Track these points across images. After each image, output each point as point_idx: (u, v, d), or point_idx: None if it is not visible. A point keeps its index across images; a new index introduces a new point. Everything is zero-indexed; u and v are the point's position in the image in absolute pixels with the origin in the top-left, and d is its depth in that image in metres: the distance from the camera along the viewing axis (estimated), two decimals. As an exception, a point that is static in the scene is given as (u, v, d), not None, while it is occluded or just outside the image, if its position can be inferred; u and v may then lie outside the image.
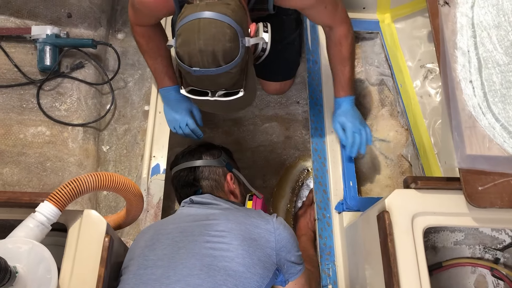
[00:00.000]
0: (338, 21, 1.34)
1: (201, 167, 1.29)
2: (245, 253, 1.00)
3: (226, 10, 0.97)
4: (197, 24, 0.96)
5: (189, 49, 0.97)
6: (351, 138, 1.45)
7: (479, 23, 1.16)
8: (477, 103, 1.08)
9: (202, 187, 1.28)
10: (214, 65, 0.97)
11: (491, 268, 1.26)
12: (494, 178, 1.02)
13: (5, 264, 0.76)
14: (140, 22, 1.38)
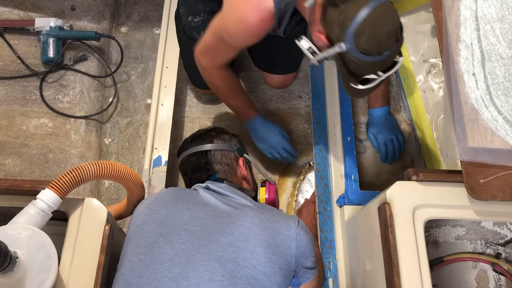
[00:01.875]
0: None
1: (212, 151, 1.24)
2: (268, 261, 0.96)
3: None
4: (376, 12, 0.96)
5: (379, 37, 0.97)
6: (384, 148, 1.60)
7: (482, 16, 1.16)
8: (479, 96, 1.08)
9: (216, 172, 1.22)
10: (396, 41, 1.00)
11: (492, 263, 1.25)
12: (496, 171, 1.02)
13: (5, 249, 0.76)
14: (220, 62, 1.37)
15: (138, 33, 1.94)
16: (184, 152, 1.28)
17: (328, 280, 1.34)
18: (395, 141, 1.60)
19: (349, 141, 1.55)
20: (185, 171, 1.27)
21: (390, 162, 1.63)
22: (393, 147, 1.60)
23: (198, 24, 1.47)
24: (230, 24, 1.17)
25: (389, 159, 1.62)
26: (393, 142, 1.60)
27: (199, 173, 1.23)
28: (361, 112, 1.72)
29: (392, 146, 1.60)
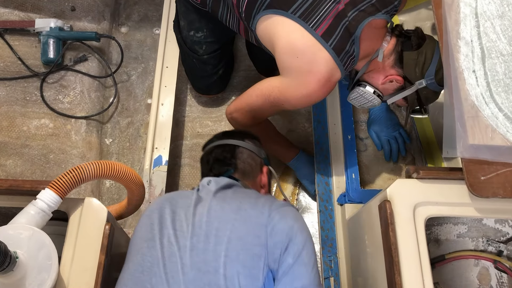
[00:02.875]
0: None
1: (241, 147, 1.16)
2: (227, 260, 0.87)
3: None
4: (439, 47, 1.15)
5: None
6: (387, 145, 1.61)
7: (482, 13, 1.15)
8: (480, 93, 1.07)
9: (235, 168, 1.13)
10: None
11: (494, 260, 1.25)
12: (496, 168, 1.01)
13: (5, 249, 0.76)
14: (263, 118, 1.41)
15: (138, 33, 1.94)
16: (211, 143, 1.20)
17: (330, 278, 1.34)
18: (398, 138, 1.60)
19: (350, 140, 1.55)
20: (207, 160, 1.16)
21: (395, 160, 1.62)
22: (397, 144, 1.60)
23: (201, 39, 1.48)
24: (296, 97, 1.22)
25: (393, 157, 1.61)
26: (397, 139, 1.60)
27: (218, 164, 1.13)
28: (362, 111, 1.71)
29: (396, 143, 1.60)
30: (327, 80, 1.16)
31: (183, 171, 1.66)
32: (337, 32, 1.14)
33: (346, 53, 1.15)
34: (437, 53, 1.19)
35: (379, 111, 1.59)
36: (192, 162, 1.67)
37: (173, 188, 1.61)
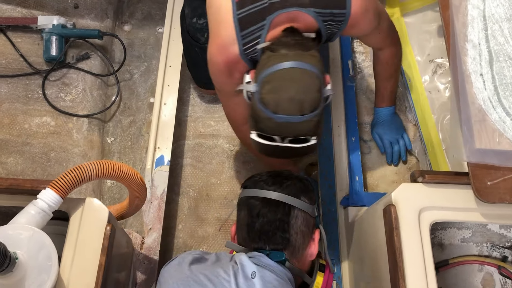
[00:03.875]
0: (388, 44, 1.36)
1: (296, 209, 0.94)
2: None
3: (315, 61, 1.00)
4: (289, 73, 0.98)
5: (279, 96, 0.98)
6: (389, 148, 1.59)
7: (490, 16, 1.14)
8: (487, 97, 1.06)
9: (287, 244, 0.92)
10: (300, 113, 0.98)
11: (498, 266, 1.24)
12: (503, 173, 1.00)
13: (4, 249, 0.75)
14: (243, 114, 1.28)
15: (141, 31, 1.93)
16: (256, 190, 0.97)
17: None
18: (400, 141, 1.60)
19: (354, 142, 1.54)
20: (252, 222, 0.94)
21: (396, 163, 1.61)
22: (398, 147, 1.59)
23: (203, 26, 1.46)
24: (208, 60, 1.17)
25: (394, 160, 1.61)
26: (399, 142, 1.59)
27: (267, 238, 0.92)
28: (366, 112, 1.70)
29: (398, 146, 1.59)
30: (222, 46, 1.11)
31: (185, 171, 1.65)
32: (252, 6, 1.06)
33: (249, 34, 1.08)
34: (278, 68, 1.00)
35: (385, 115, 1.58)
36: (194, 162, 1.66)
37: (174, 189, 1.60)
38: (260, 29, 1.07)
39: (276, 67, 0.99)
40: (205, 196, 1.60)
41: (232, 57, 1.12)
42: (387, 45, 1.38)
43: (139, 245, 1.37)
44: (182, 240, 1.53)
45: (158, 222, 1.40)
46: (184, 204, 1.59)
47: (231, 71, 1.16)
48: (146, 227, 1.40)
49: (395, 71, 1.48)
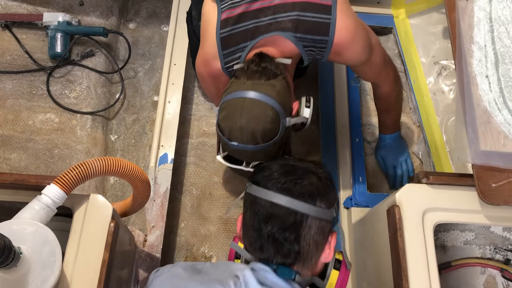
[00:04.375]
0: (382, 80, 1.34)
1: (310, 218, 0.80)
2: None
3: (272, 91, 0.98)
4: (241, 102, 0.98)
5: (231, 124, 0.99)
6: (392, 171, 1.56)
7: (497, 18, 1.14)
8: (492, 99, 1.06)
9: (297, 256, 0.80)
10: (253, 143, 0.99)
11: (501, 269, 1.23)
12: (508, 175, 1.00)
13: (9, 244, 0.75)
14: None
15: (146, 29, 1.93)
16: (265, 191, 0.82)
17: (334, 282, 1.33)
18: (404, 166, 1.56)
19: (358, 142, 1.54)
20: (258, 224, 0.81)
21: (397, 186, 1.57)
22: (401, 171, 1.56)
23: None
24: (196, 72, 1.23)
25: (397, 184, 1.57)
26: (402, 166, 1.55)
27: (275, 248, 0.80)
28: (370, 114, 1.70)
29: (401, 170, 1.55)
30: (206, 60, 1.15)
31: (188, 169, 1.64)
32: (235, 27, 1.08)
33: (231, 53, 1.10)
34: (233, 97, 1.02)
35: (389, 140, 1.55)
36: (198, 161, 1.66)
37: (177, 187, 1.60)
38: (241, 50, 1.09)
39: (231, 95, 1.00)
40: (208, 194, 1.60)
41: (215, 71, 1.15)
42: (381, 82, 1.35)
43: (141, 243, 1.37)
44: (185, 238, 1.53)
45: (161, 220, 1.40)
46: (187, 202, 1.58)
47: (214, 81, 1.19)
48: (149, 225, 1.40)
49: (394, 106, 1.46)
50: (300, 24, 1.06)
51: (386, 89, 1.37)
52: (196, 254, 1.51)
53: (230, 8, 1.09)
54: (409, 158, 1.58)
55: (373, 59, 1.20)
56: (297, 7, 1.06)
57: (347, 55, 1.15)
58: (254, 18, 1.07)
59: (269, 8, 1.06)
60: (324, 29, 1.07)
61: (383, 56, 1.25)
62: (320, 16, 1.06)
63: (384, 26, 1.76)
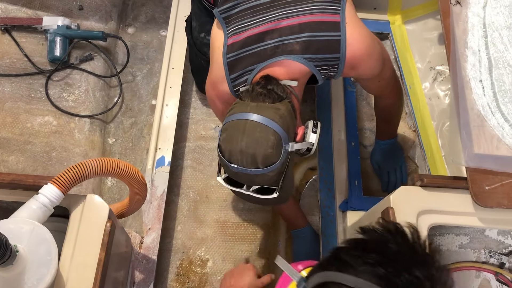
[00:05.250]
0: (387, 93, 1.34)
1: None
2: None
3: (275, 115, 0.97)
4: (243, 124, 0.96)
5: (231, 146, 0.97)
6: (386, 177, 1.57)
7: (490, 24, 1.16)
8: (486, 103, 1.07)
9: None
10: (253, 166, 0.97)
11: (496, 272, 1.24)
12: (501, 178, 1.01)
13: (6, 241, 0.75)
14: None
15: (144, 34, 1.95)
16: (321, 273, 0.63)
17: (329, 285, 1.33)
18: (397, 172, 1.57)
19: (354, 147, 1.55)
20: None
21: (390, 192, 1.57)
22: (395, 177, 1.57)
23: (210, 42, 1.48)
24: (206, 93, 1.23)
25: (390, 189, 1.57)
26: (396, 172, 1.57)
27: None
28: (366, 118, 1.71)
29: (394, 176, 1.56)
30: (214, 83, 1.15)
31: (185, 173, 1.65)
32: (242, 51, 1.08)
33: (238, 77, 1.10)
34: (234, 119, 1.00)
35: (385, 146, 1.56)
36: (195, 164, 1.67)
37: (174, 190, 1.60)
38: (248, 73, 1.08)
39: (234, 116, 0.99)
40: (204, 198, 1.61)
41: (223, 94, 1.14)
42: (386, 94, 1.35)
43: (138, 245, 1.38)
44: (181, 241, 1.53)
45: (157, 222, 1.41)
46: (183, 205, 1.59)
47: (223, 103, 1.19)
48: (145, 227, 1.41)
49: (394, 116, 1.46)
50: (310, 46, 1.05)
51: (388, 102, 1.38)
52: (192, 257, 1.51)
53: (237, 32, 1.09)
54: (404, 165, 1.59)
55: (384, 73, 1.19)
56: (305, 28, 1.05)
57: (361, 69, 1.13)
58: (260, 41, 1.06)
59: (274, 30, 1.06)
60: (335, 46, 1.05)
61: (392, 70, 1.25)
62: (329, 34, 1.05)
63: (381, 32, 1.78)
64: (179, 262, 1.50)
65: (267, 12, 1.08)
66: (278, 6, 1.07)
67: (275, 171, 0.98)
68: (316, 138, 1.09)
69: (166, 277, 1.47)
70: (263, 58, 1.06)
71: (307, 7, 1.06)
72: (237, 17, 1.10)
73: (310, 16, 1.05)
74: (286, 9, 1.07)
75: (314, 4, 1.06)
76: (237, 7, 1.11)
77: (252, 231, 1.57)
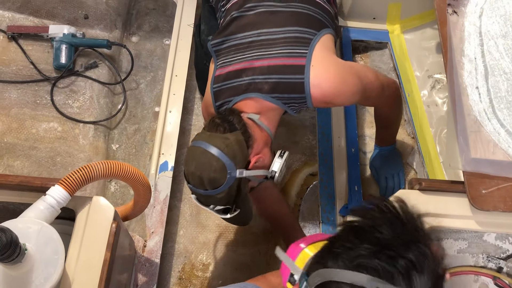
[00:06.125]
0: (381, 104, 1.38)
1: None
2: None
3: (221, 144, 1.08)
4: (194, 150, 1.11)
5: (186, 168, 1.12)
6: (384, 182, 1.59)
7: (486, 32, 1.19)
8: (482, 109, 1.10)
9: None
10: (202, 188, 1.11)
11: (494, 277, 1.25)
12: (498, 182, 1.03)
13: (16, 239, 0.77)
14: None
15: (148, 43, 1.98)
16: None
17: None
18: (395, 178, 1.59)
19: (353, 153, 1.57)
20: None
21: (388, 196, 1.57)
22: (393, 183, 1.59)
23: None
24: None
25: (387, 195, 1.59)
26: (394, 178, 1.59)
27: None
28: (366, 125, 1.74)
29: (392, 182, 1.58)
30: (206, 105, 1.31)
31: (187, 178, 1.67)
32: (224, 83, 1.21)
33: (221, 105, 1.23)
34: (191, 144, 1.16)
35: (384, 152, 1.58)
36: (197, 170, 1.69)
37: (176, 195, 1.63)
38: (227, 103, 1.22)
39: (192, 142, 1.14)
40: (206, 203, 1.63)
41: (213, 114, 1.25)
42: (381, 105, 1.39)
43: (141, 248, 1.40)
44: (183, 245, 1.55)
45: (160, 226, 1.43)
46: (185, 210, 1.61)
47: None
48: (148, 231, 1.43)
49: (392, 123, 1.49)
50: (277, 87, 1.15)
51: (386, 110, 1.41)
52: (194, 261, 1.53)
53: (223, 66, 1.23)
54: (402, 171, 1.61)
55: (369, 95, 1.24)
56: (272, 71, 1.16)
57: (336, 103, 1.21)
58: (237, 77, 1.19)
59: (249, 69, 1.18)
60: (299, 88, 1.14)
61: (379, 88, 1.27)
62: (293, 77, 1.14)
63: (380, 41, 1.81)
64: (181, 266, 1.52)
65: (245, 51, 1.20)
66: (254, 47, 1.19)
67: (222, 193, 1.10)
68: (280, 166, 1.19)
69: (168, 280, 1.48)
70: (238, 92, 1.19)
71: (277, 51, 1.17)
72: (224, 52, 1.24)
73: (278, 60, 1.16)
74: (259, 51, 1.18)
75: (283, 48, 1.17)
76: (225, 43, 1.24)
77: (253, 236, 1.59)
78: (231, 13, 1.27)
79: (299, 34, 1.18)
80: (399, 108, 1.43)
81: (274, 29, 1.19)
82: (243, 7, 1.25)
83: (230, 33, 1.24)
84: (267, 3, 1.23)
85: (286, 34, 1.18)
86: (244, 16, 1.24)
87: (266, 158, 1.19)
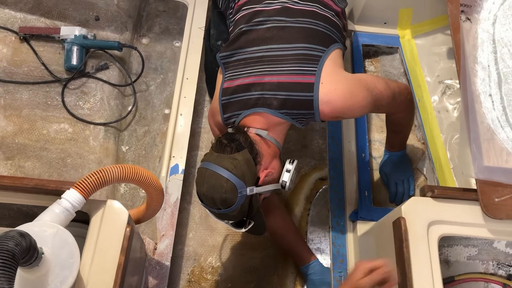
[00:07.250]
0: (394, 111, 1.38)
1: None
2: None
3: (229, 165, 1.10)
4: (204, 172, 1.13)
5: (198, 188, 1.15)
6: (394, 188, 1.58)
7: (500, 40, 1.19)
8: (496, 117, 1.10)
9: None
10: (215, 207, 1.13)
11: (504, 284, 1.25)
12: (511, 191, 1.03)
13: (34, 244, 0.78)
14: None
15: (158, 45, 1.99)
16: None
17: (339, 294, 1.35)
18: (405, 184, 1.59)
19: (364, 158, 1.57)
20: None
21: (398, 202, 1.58)
22: (403, 189, 1.58)
23: None
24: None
25: (397, 201, 1.59)
26: (404, 184, 1.58)
27: None
28: (376, 130, 1.74)
29: (402, 187, 1.58)
30: (212, 113, 1.34)
31: (197, 181, 1.68)
32: (232, 96, 1.23)
33: (229, 118, 1.26)
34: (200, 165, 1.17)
35: (394, 157, 1.58)
36: (206, 173, 1.69)
37: (186, 198, 1.63)
38: (236, 116, 1.24)
39: (202, 163, 1.16)
40: (215, 206, 1.63)
41: (219, 123, 1.31)
42: (393, 112, 1.39)
43: (151, 251, 1.40)
44: (193, 248, 1.56)
45: (171, 228, 1.43)
46: (195, 213, 1.62)
47: (219, 129, 1.35)
48: (159, 233, 1.43)
49: (404, 129, 1.49)
50: (285, 103, 1.17)
51: (398, 116, 1.41)
52: (203, 264, 1.54)
53: (231, 79, 1.24)
54: (412, 177, 1.61)
55: (379, 105, 1.25)
56: (281, 87, 1.17)
57: (346, 116, 1.23)
58: (246, 91, 1.20)
59: (258, 84, 1.19)
60: (308, 105, 1.16)
61: (390, 97, 1.27)
62: (303, 94, 1.15)
63: (391, 46, 1.81)
64: (190, 269, 1.52)
65: (255, 66, 1.21)
66: (264, 62, 1.21)
67: (235, 211, 1.12)
68: (289, 176, 1.20)
69: (178, 283, 1.49)
70: (247, 106, 1.20)
71: (286, 67, 1.18)
72: (233, 65, 1.25)
73: (288, 77, 1.17)
74: (269, 66, 1.20)
75: (293, 64, 1.18)
76: (234, 56, 1.26)
77: (262, 239, 1.59)
78: (240, 26, 1.28)
79: (308, 51, 1.19)
80: (411, 113, 1.43)
81: (284, 45, 1.20)
82: (252, 21, 1.26)
83: (239, 47, 1.25)
84: (277, 18, 1.25)
85: (296, 50, 1.19)
86: (253, 31, 1.25)
87: (275, 171, 1.20)
